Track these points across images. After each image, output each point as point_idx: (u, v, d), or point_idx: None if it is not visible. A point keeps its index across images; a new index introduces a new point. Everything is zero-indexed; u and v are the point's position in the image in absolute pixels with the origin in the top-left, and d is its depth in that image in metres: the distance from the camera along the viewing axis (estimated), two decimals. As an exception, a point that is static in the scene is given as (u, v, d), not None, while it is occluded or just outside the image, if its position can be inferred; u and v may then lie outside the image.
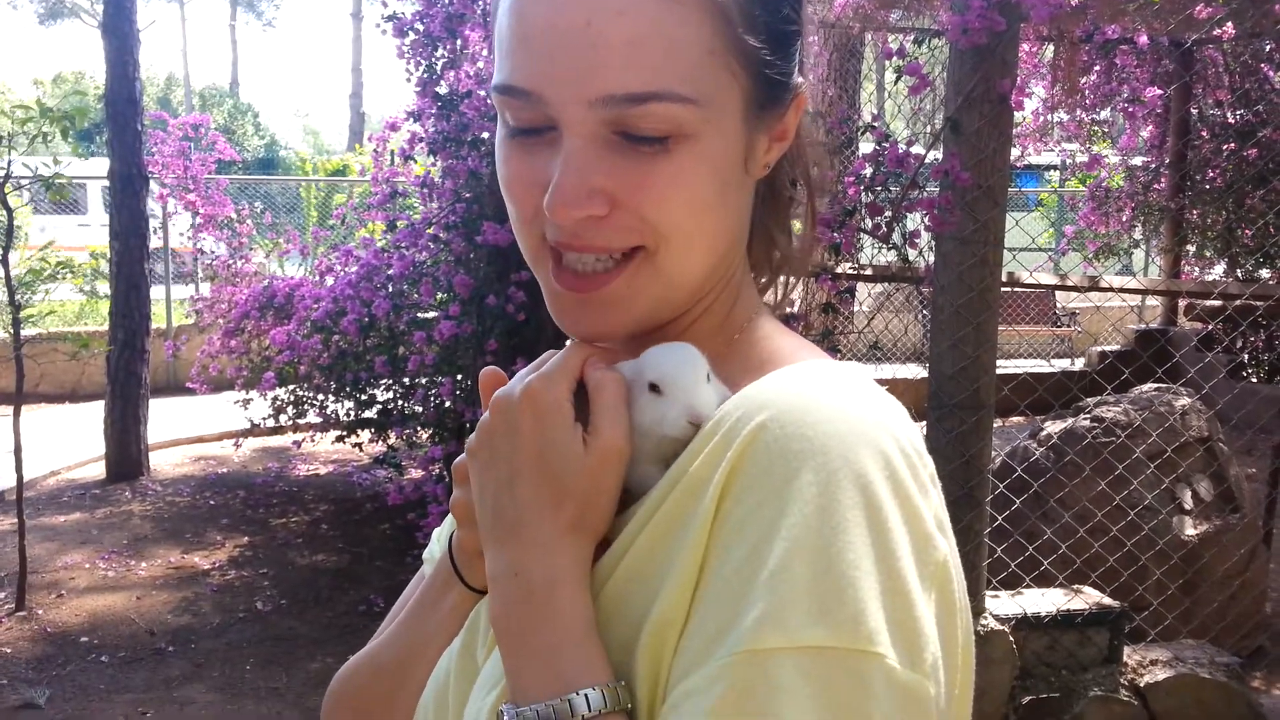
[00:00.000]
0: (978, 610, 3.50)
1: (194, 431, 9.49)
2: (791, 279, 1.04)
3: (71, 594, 5.86)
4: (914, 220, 3.62)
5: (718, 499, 0.70)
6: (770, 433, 0.70)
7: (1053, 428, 4.65)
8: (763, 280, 1.02)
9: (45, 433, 9.19)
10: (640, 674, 0.71)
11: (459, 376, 5.07)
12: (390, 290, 5.50)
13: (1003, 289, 3.64)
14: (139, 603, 5.78)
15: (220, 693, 4.77)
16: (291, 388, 7.00)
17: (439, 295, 5.29)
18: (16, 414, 5.54)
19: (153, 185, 8.19)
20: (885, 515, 0.68)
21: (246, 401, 7.24)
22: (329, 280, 6.46)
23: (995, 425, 3.55)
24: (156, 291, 9.60)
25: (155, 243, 9.07)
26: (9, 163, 5.33)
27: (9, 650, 5.14)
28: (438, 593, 0.93)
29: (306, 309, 6.12)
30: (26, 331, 10.42)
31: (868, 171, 3.48)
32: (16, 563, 5.61)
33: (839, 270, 3.80)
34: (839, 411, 0.71)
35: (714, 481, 0.71)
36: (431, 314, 5.38)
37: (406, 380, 5.85)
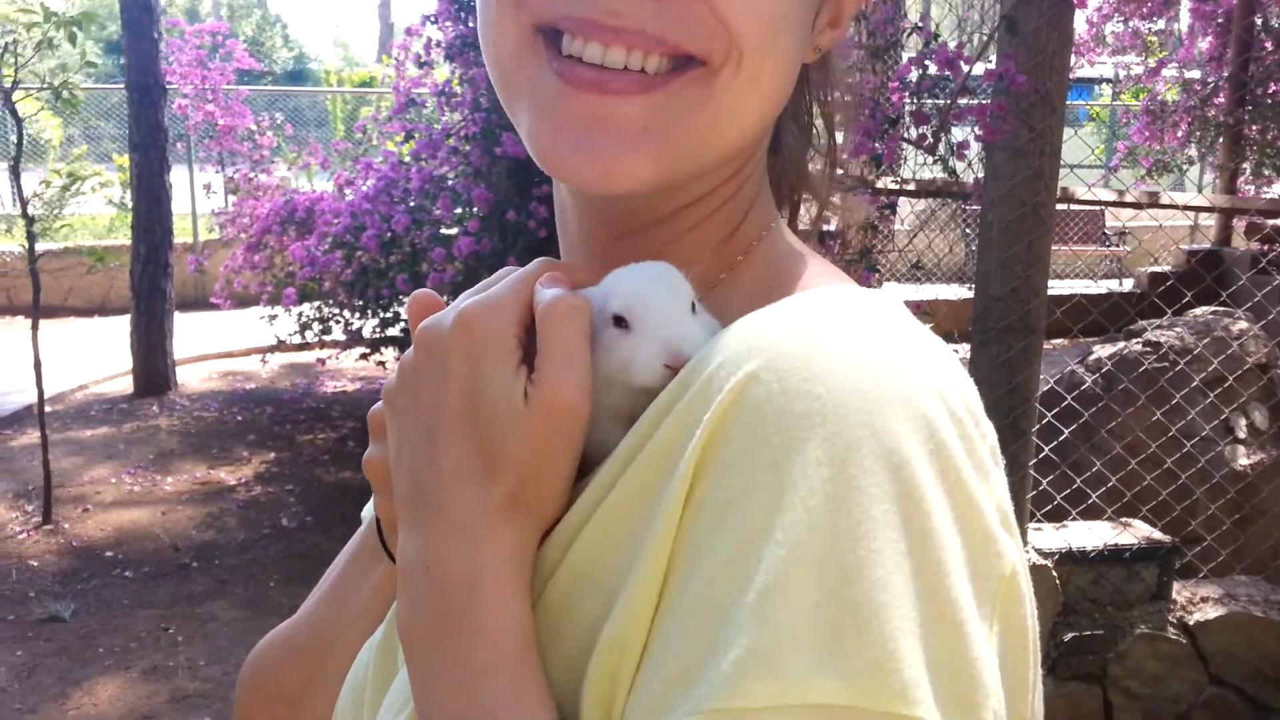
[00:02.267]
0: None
1: (221, 347, 9.45)
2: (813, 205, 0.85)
3: (98, 508, 5.86)
4: (963, 130, 3.37)
5: (690, 478, 0.52)
6: (763, 387, 0.52)
7: (1102, 352, 4.44)
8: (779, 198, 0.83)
9: (74, 346, 9.20)
10: (588, 709, 0.53)
11: (481, 295, 4.89)
12: (410, 205, 5.31)
13: (1056, 205, 3.39)
14: (164, 518, 5.76)
15: (243, 609, 4.75)
16: (316, 304, 6.88)
17: (458, 210, 5.09)
18: (34, 328, 5.46)
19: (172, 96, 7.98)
20: (927, 509, 0.50)
21: (272, 318, 7.14)
22: (349, 194, 6.28)
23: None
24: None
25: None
26: (16, 70, 5.15)
27: (36, 564, 5.15)
28: (362, 566, 0.77)
29: (326, 224, 5.95)
30: (54, 245, 10.39)
31: (913, 76, 3.22)
32: (43, 477, 5.59)
33: (879, 184, 3.56)
34: (863, 358, 0.53)
35: (686, 453, 0.53)
36: (453, 230, 5.20)
37: (429, 297, 5.68)
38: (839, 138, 0.84)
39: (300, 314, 6.94)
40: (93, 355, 9.03)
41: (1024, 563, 0.55)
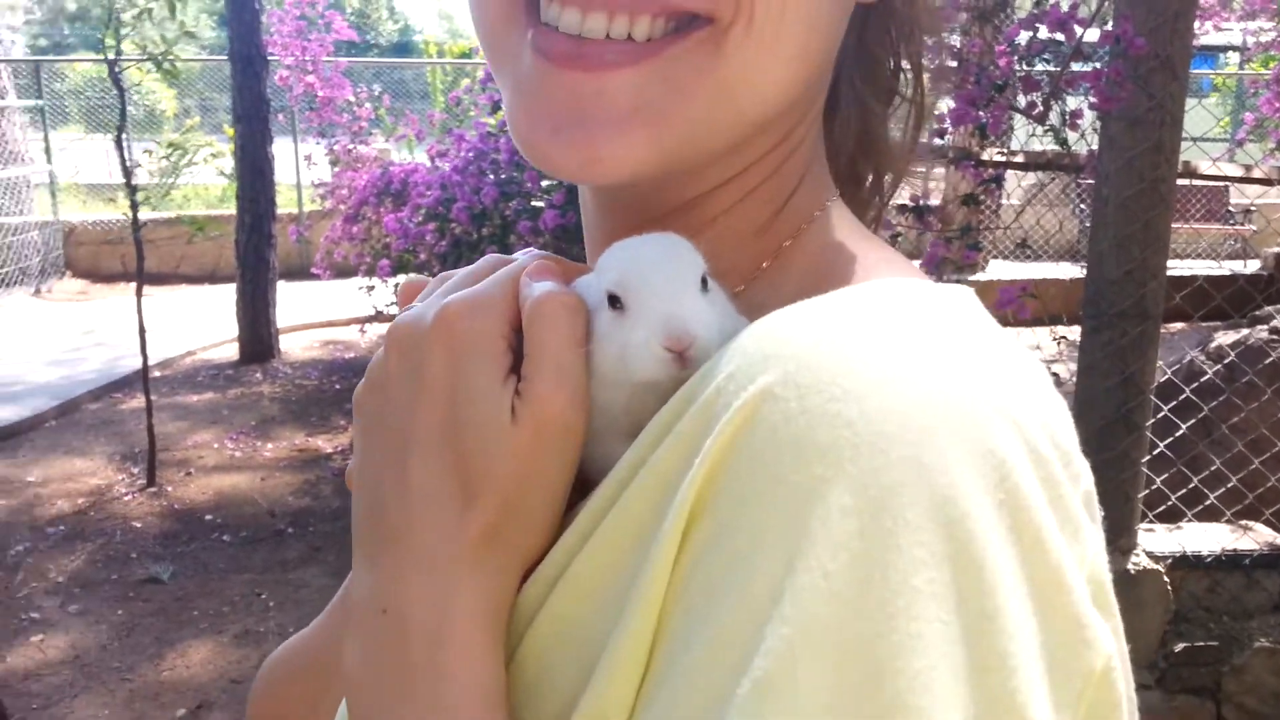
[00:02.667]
0: (1129, 547, 3.12)
1: (323, 316, 9.64)
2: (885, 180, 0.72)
3: (200, 472, 6.02)
4: (1076, 99, 3.14)
5: (686, 520, 0.43)
6: (780, 407, 0.42)
7: (1225, 339, 4.14)
8: (841, 169, 0.70)
9: (184, 313, 9.50)
10: None
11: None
12: (499, 177, 5.27)
13: (1177, 181, 3.15)
14: (262, 484, 5.89)
15: (334, 577, 4.82)
16: (411, 276, 6.92)
17: (545, 181, 5.03)
18: (139, 295, 5.60)
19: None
20: (991, 581, 0.39)
21: (370, 288, 7.22)
22: (443, 166, 6.28)
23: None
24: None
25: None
26: (118, 40, 5.26)
27: (139, 525, 5.31)
28: None
29: (420, 196, 5.97)
30: (167, 214, 10.72)
31: (1023, 39, 3.01)
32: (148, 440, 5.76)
33: (984, 156, 3.36)
34: (913, 372, 0.43)
35: (683, 487, 0.43)
36: (541, 203, 5.14)
37: (521, 271, 5.66)
38: (928, 104, 0.72)
39: (396, 285, 7.00)
40: (201, 322, 9.29)
41: (1123, 652, 0.44)
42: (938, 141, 3.24)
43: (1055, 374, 2.89)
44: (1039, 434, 0.44)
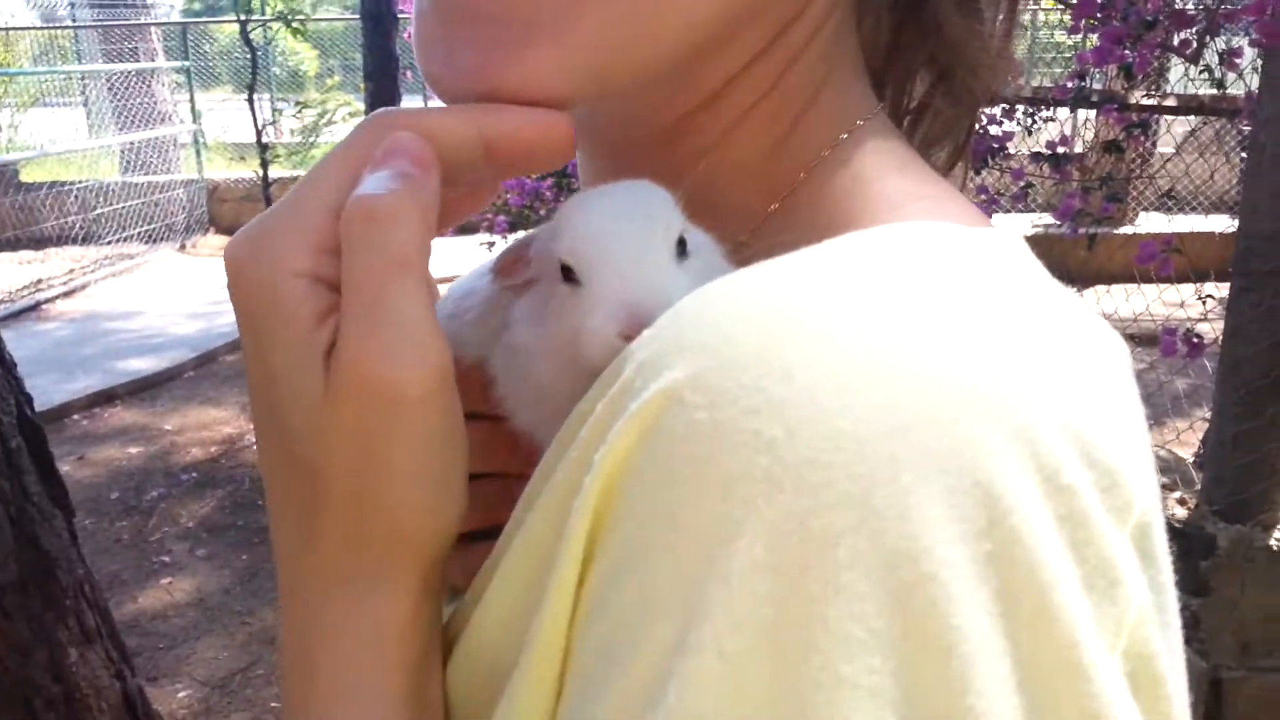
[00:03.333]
0: (1273, 522, 2.86)
1: (448, 271, 9.76)
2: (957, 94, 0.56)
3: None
4: (1236, 35, 2.84)
5: (584, 540, 0.35)
6: (684, 417, 0.33)
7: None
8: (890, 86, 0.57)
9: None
10: None
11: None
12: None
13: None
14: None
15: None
16: (531, 232, 6.93)
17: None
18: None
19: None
20: (963, 676, 0.30)
21: (490, 244, 7.26)
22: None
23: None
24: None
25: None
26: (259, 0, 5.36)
27: (266, 474, 5.49)
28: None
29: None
30: (302, 171, 11.04)
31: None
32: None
33: (1130, 100, 3.08)
34: (872, 373, 0.32)
35: (577, 504, 0.34)
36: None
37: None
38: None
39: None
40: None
41: None
42: (1075, 84, 2.99)
43: (1198, 336, 2.64)
44: (1064, 452, 0.32)
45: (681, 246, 0.42)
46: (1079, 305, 0.39)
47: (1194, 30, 2.82)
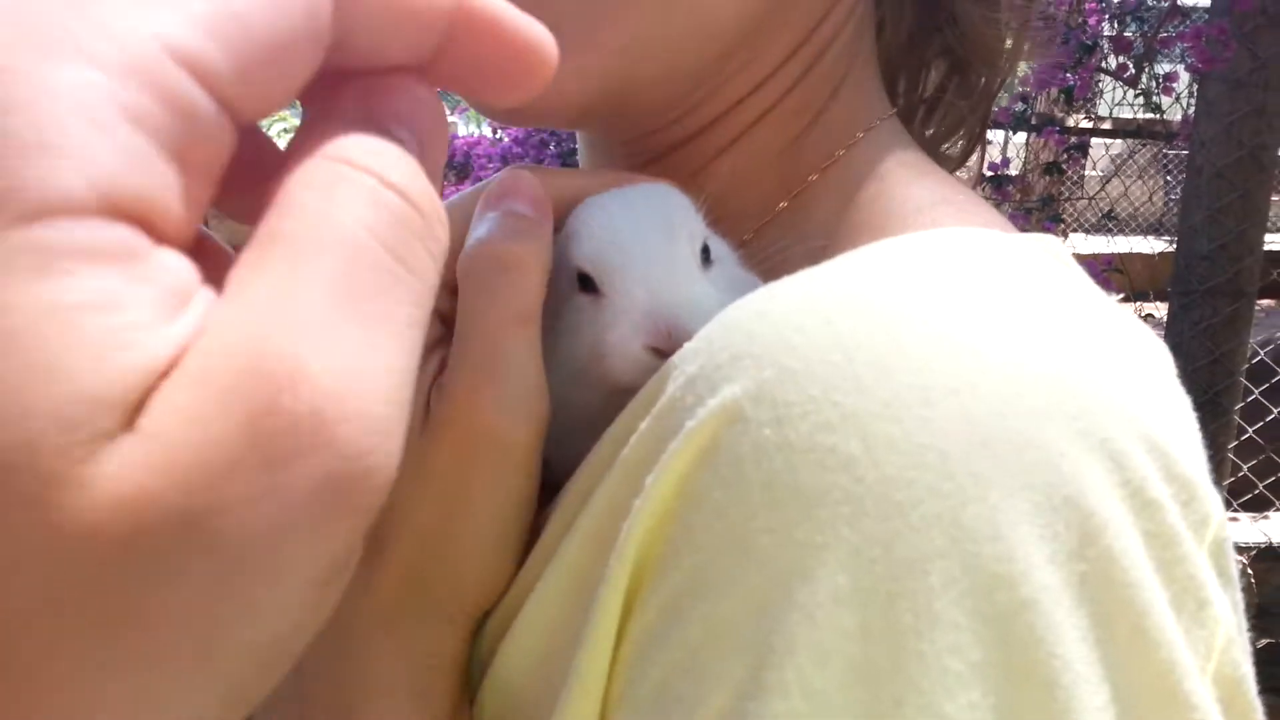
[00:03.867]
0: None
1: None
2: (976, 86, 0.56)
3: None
4: (1172, 59, 2.94)
5: (628, 574, 0.32)
6: (749, 436, 0.31)
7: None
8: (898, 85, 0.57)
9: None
10: None
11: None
12: (561, 147, 5.18)
13: (1280, 149, 2.93)
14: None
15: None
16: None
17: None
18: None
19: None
20: (1066, 707, 0.28)
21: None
22: (503, 137, 6.21)
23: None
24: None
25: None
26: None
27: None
28: None
29: (482, 168, 5.91)
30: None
31: (1116, -4, 2.81)
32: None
33: (1070, 122, 3.16)
34: (951, 382, 0.30)
35: (623, 533, 0.32)
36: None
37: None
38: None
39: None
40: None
41: None
42: (1019, 107, 3.06)
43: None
44: (1146, 465, 0.31)
45: (705, 254, 0.40)
46: (1124, 312, 0.38)
47: (1132, 54, 2.91)
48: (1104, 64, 2.82)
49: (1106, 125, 3.30)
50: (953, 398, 0.30)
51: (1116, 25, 2.88)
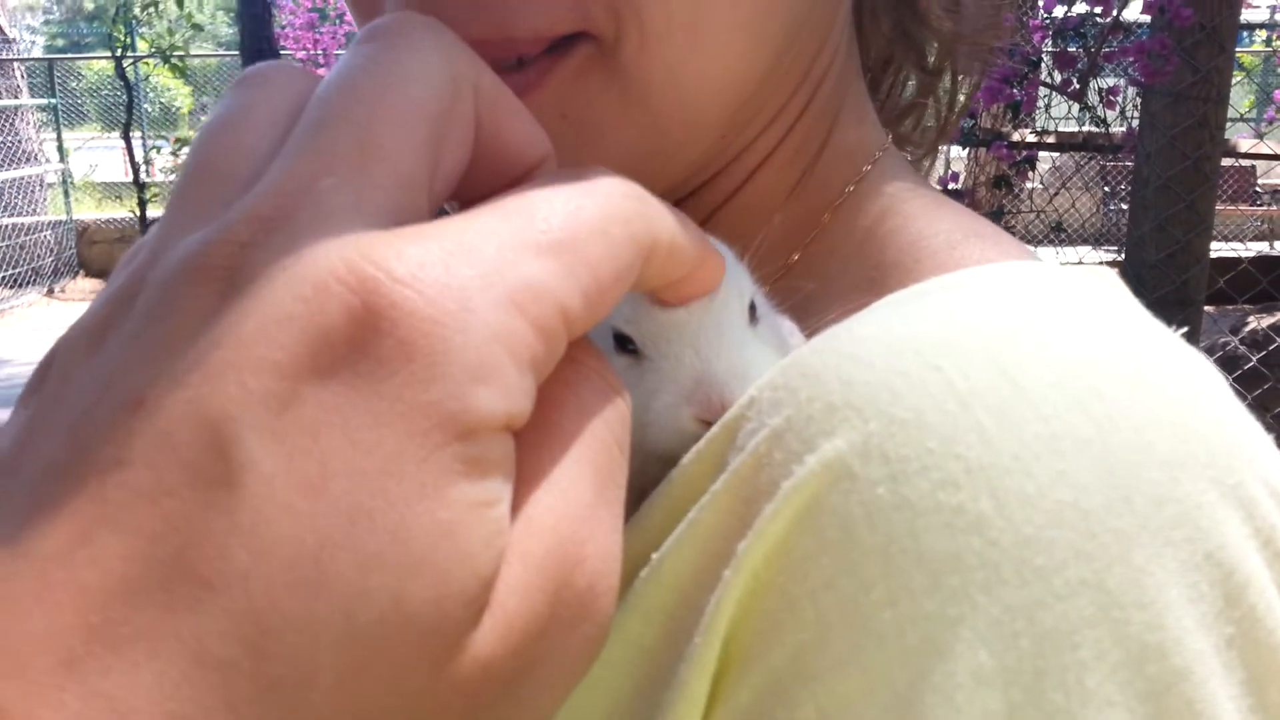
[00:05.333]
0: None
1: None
2: (953, 90, 0.56)
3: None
4: (1114, 73, 2.99)
5: (716, 658, 0.28)
6: (860, 495, 0.28)
7: (1260, 323, 3.98)
8: (889, 93, 0.55)
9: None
10: None
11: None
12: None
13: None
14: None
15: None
16: None
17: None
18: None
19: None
20: None
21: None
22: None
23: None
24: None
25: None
26: (126, 35, 5.18)
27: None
28: None
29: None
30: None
31: (1058, 12, 2.85)
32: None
33: (1015, 136, 3.20)
34: (1080, 430, 0.28)
35: (709, 609, 0.29)
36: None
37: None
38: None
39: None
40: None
41: None
42: (967, 122, 3.10)
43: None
44: (1275, 512, 0.29)
45: (751, 309, 0.37)
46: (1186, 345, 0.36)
47: (1075, 70, 2.96)
48: (1050, 78, 2.86)
49: (1051, 139, 3.34)
50: (1086, 448, 0.27)
51: (1059, 42, 2.93)
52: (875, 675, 0.26)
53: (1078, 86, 2.94)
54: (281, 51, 7.99)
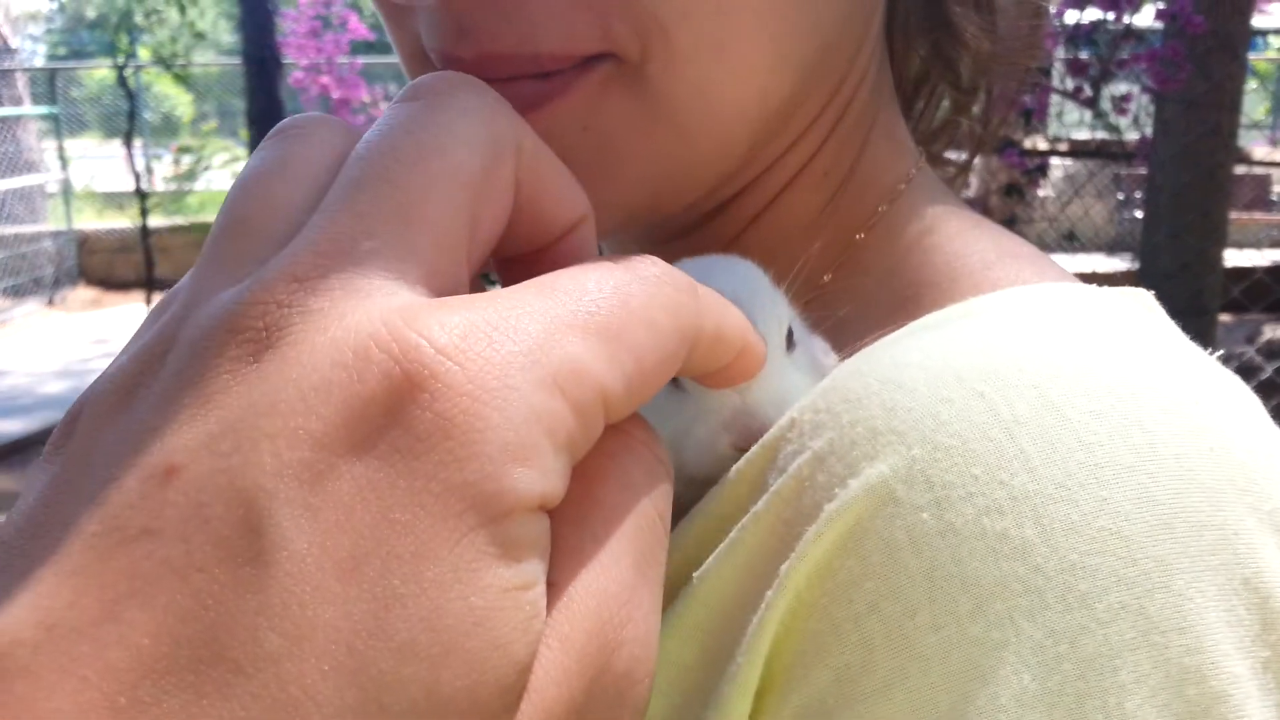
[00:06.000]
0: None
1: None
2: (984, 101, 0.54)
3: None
4: (1127, 80, 2.96)
5: (756, 682, 0.29)
6: (904, 520, 0.28)
7: (1275, 333, 3.95)
8: (923, 109, 0.55)
9: (199, 320, 9.39)
10: None
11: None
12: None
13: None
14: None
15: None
16: None
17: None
18: (148, 303, 5.49)
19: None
20: None
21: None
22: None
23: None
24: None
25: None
26: (129, 44, 5.16)
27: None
28: None
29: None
30: (181, 220, 10.70)
31: (1070, 18, 2.82)
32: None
33: (1027, 144, 3.17)
34: (1124, 455, 0.29)
35: (748, 635, 0.29)
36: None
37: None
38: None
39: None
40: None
41: None
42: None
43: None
44: None
45: (789, 336, 0.37)
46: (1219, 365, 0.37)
47: (1088, 77, 2.93)
48: (1064, 84, 2.83)
49: (1063, 146, 3.31)
50: (1128, 476, 0.28)
51: (1071, 48, 2.90)
52: (919, 698, 0.27)
53: (1090, 93, 2.91)
54: (284, 60, 7.99)
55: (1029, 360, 0.31)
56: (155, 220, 6.11)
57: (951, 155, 0.59)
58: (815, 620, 0.29)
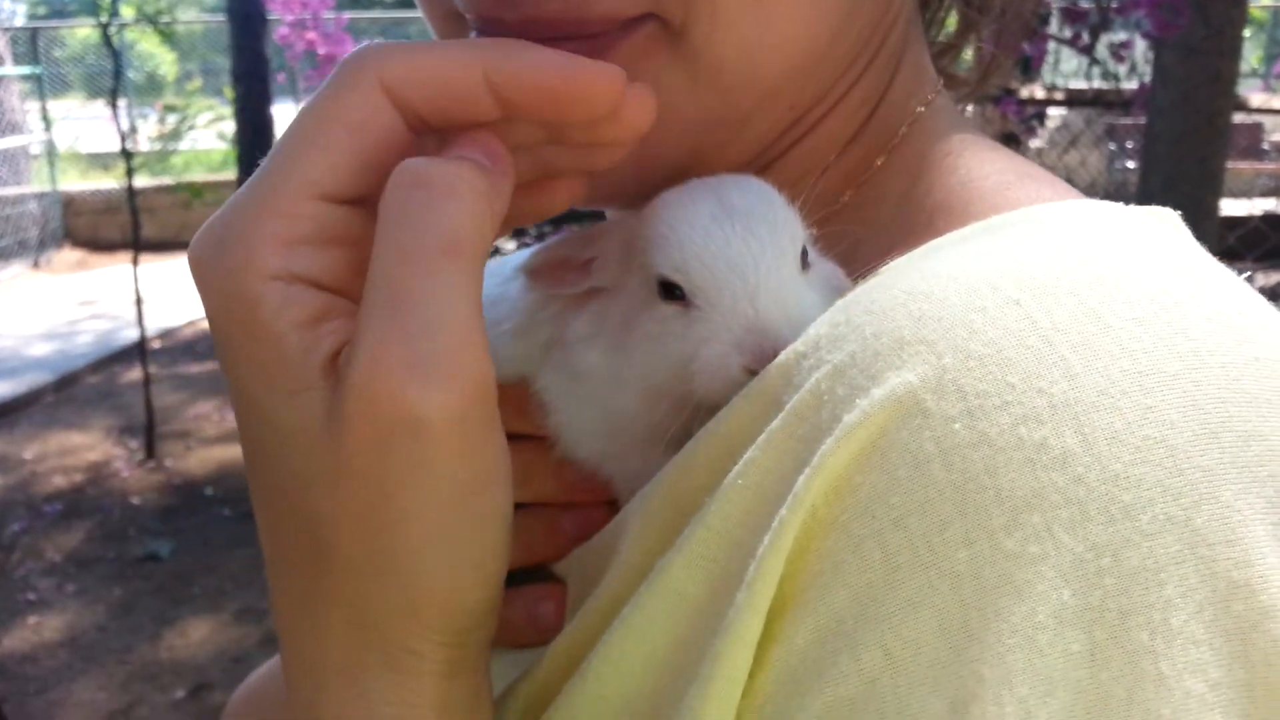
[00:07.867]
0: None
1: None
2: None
3: (200, 444, 5.88)
4: (1125, 27, 2.91)
5: (770, 597, 0.27)
6: (932, 431, 0.26)
7: (1266, 280, 3.96)
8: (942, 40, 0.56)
9: (185, 282, 9.30)
10: None
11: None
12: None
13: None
14: (266, 456, 5.74)
15: (339, 552, 4.68)
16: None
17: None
18: (135, 264, 5.43)
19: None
20: None
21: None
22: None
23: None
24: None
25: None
26: (115, 2, 5.05)
27: (137, 501, 5.18)
28: None
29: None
30: (166, 180, 10.56)
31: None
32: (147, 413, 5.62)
33: (1024, 92, 3.13)
34: (1165, 364, 0.27)
35: (762, 549, 0.27)
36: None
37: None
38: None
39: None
40: (204, 290, 9.12)
41: None
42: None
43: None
44: None
45: (803, 255, 0.37)
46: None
47: (1086, 24, 2.88)
48: (1061, 32, 2.78)
49: (1059, 95, 3.27)
50: (1173, 384, 0.27)
51: (1069, -6, 2.85)
52: (948, 616, 0.26)
53: (1088, 41, 2.87)
54: (269, 16, 7.85)
55: (1066, 268, 0.30)
56: (141, 180, 6.03)
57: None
58: (834, 538, 0.27)
